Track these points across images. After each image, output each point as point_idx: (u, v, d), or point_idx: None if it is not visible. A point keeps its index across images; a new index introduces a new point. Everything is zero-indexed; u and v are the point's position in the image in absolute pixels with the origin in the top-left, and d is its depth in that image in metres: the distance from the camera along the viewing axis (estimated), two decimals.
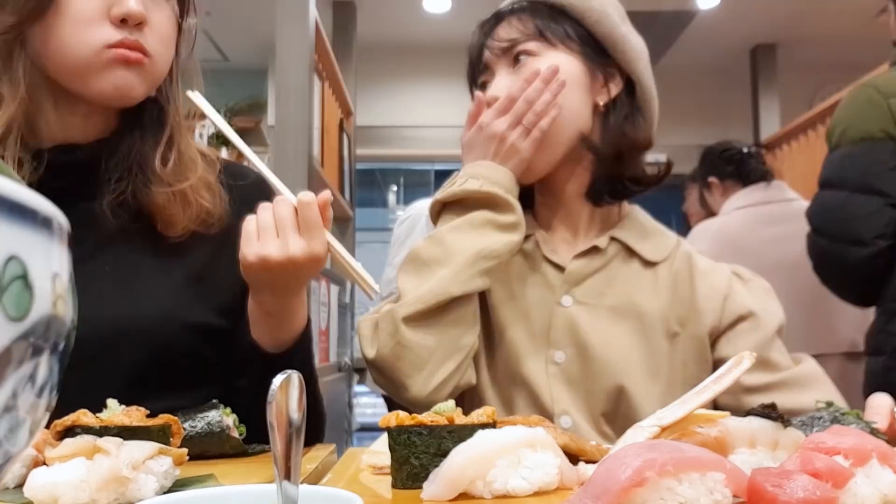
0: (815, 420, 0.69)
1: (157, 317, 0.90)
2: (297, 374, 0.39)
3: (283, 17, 2.37)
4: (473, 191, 0.97)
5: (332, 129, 3.18)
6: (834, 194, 1.72)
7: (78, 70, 0.87)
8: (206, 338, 0.93)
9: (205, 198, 0.95)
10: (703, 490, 0.49)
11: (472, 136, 1.02)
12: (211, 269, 0.95)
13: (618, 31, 1.05)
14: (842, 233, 1.68)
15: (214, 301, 0.94)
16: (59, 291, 0.27)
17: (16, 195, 0.24)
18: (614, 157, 1.04)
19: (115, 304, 0.89)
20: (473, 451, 0.57)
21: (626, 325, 1.00)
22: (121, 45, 0.86)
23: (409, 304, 0.93)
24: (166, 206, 0.92)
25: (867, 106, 1.71)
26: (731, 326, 1.01)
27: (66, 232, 0.28)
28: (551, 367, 1.00)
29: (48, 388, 0.27)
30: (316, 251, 0.81)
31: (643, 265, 1.04)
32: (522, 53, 1.03)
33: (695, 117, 5.37)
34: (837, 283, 1.79)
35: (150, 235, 0.94)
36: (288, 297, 0.86)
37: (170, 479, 0.60)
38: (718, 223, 2.46)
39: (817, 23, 4.78)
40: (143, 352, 0.89)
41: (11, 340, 0.23)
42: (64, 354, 0.28)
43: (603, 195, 1.06)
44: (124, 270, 0.92)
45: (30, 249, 0.24)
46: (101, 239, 0.91)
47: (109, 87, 0.88)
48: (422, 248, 0.98)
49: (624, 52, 1.05)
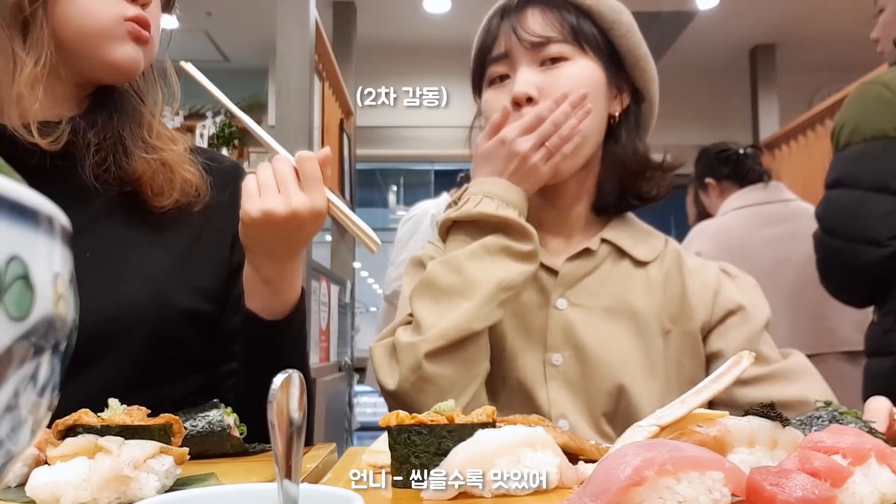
0: (814, 419, 0.69)
1: (149, 303, 0.90)
2: (297, 373, 0.39)
3: (283, 17, 2.37)
4: (490, 214, 0.94)
5: (333, 129, 3.18)
6: (847, 193, 1.67)
7: (96, 38, 0.89)
8: (193, 324, 0.93)
9: (188, 170, 0.96)
10: (701, 489, 0.49)
11: (493, 149, 0.97)
12: (194, 252, 0.96)
13: (641, 48, 1.05)
14: (856, 233, 1.63)
15: (200, 285, 0.94)
16: (60, 291, 0.27)
17: (17, 195, 0.24)
18: (633, 173, 1.04)
19: (102, 290, 0.89)
20: (473, 450, 0.57)
21: (621, 324, 1.00)
22: (136, 19, 0.89)
23: (432, 341, 0.90)
24: (152, 175, 0.93)
25: (878, 103, 1.67)
26: (722, 321, 1.01)
27: (68, 231, 0.28)
28: (549, 370, 1.00)
29: (50, 388, 0.27)
30: (318, 205, 0.81)
31: (634, 265, 1.04)
32: (555, 55, 1.00)
33: (694, 118, 5.37)
34: (845, 283, 1.75)
35: (134, 211, 0.94)
36: (286, 260, 0.85)
37: (171, 478, 0.60)
38: (717, 223, 2.46)
39: (816, 24, 4.78)
40: (134, 339, 0.88)
41: (13, 340, 0.24)
42: (65, 354, 0.28)
43: (610, 207, 1.06)
44: (111, 253, 0.92)
45: (31, 249, 0.24)
46: (85, 218, 0.91)
47: (124, 58, 0.90)
48: (439, 275, 0.93)
49: (644, 70, 1.06)
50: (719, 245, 2.38)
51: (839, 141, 1.73)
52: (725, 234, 2.41)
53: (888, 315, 1.65)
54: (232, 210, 0.98)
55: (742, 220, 2.40)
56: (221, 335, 0.97)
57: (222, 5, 4.52)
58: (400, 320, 0.98)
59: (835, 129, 1.76)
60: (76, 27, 0.88)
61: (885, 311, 1.66)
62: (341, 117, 3.42)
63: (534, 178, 0.97)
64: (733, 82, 5.38)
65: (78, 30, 0.88)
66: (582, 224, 1.07)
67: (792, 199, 2.45)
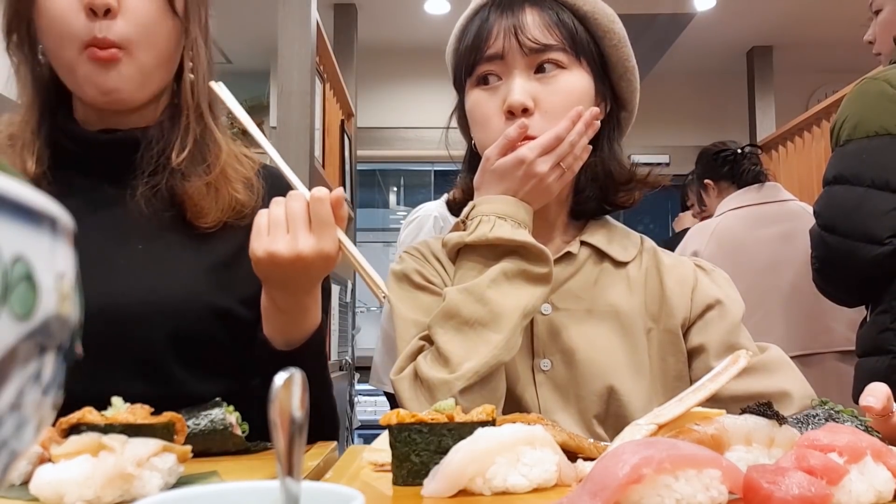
0: (810, 418, 0.69)
1: (182, 296, 0.91)
2: (300, 371, 0.40)
3: (284, 19, 2.38)
4: (507, 239, 0.92)
5: (334, 131, 3.18)
6: (848, 190, 1.64)
7: (66, 72, 0.88)
8: (227, 324, 0.93)
9: (238, 190, 0.96)
10: (699, 487, 0.49)
11: (510, 168, 0.93)
12: (237, 259, 0.95)
13: (630, 60, 1.04)
14: (855, 230, 1.61)
15: (238, 290, 0.94)
16: (64, 291, 0.27)
17: (21, 196, 0.24)
18: (616, 183, 1.04)
19: (145, 281, 0.90)
20: (473, 448, 0.58)
21: (606, 326, 1.00)
22: (92, 43, 0.85)
23: (466, 378, 0.88)
24: (197, 197, 0.93)
25: (880, 100, 1.64)
26: (700, 316, 1.01)
27: (72, 232, 0.28)
28: (539, 376, 0.99)
29: (54, 387, 0.28)
30: (326, 249, 0.79)
31: (614, 266, 1.04)
32: (552, 63, 0.98)
33: (692, 119, 5.37)
34: (841, 281, 1.73)
35: (181, 223, 0.95)
36: (300, 295, 0.85)
37: (174, 476, 0.60)
38: (715, 224, 2.46)
39: (813, 26, 4.77)
40: (166, 328, 0.89)
41: (18, 339, 0.24)
42: (69, 353, 0.29)
43: (588, 213, 1.06)
44: (156, 250, 0.93)
45: (36, 250, 0.25)
46: (134, 221, 0.93)
47: (94, 90, 0.87)
48: (462, 305, 0.91)
49: (630, 81, 1.05)
50: (716, 245, 2.38)
51: (840, 137, 1.70)
52: (723, 234, 2.40)
53: (883, 314, 1.63)
54: None
55: (739, 221, 2.40)
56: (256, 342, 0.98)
57: (224, 7, 4.51)
58: (414, 347, 0.95)
59: (834, 124, 1.73)
60: (55, 65, 0.88)
61: (880, 310, 1.65)
62: (342, 118, 3.42)
63: (546, 195, 0.96)
64: (730, 84, 5.38)
65: (56, 67, 0.88)
66: (561, 226, 1.07)
67: (789, 199, 2.45)
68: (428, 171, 5.93)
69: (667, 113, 5.10)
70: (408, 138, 5.25)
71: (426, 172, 5.96)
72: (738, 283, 1.11)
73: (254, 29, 4.66)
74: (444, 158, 1.19)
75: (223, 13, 0.99)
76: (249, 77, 5.24)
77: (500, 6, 1.00)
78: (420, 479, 0.60)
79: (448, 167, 1.18)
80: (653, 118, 1.22)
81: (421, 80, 5.28)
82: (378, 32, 4.84)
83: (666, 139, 5.15)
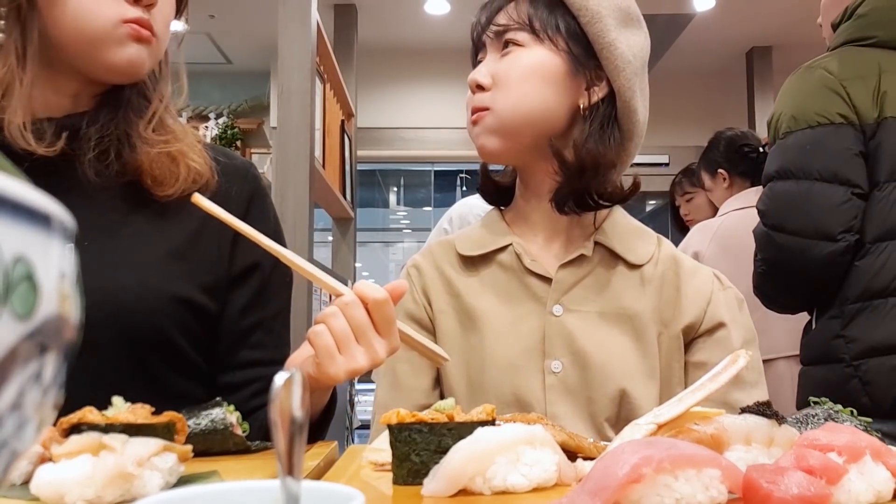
0: (810, 417, 0.69)
1: (135, 289, 0.90)
2: (300, 372, 0.40)
3: (284, 19, 2.38)
4: None
5: (334, 131, 3.18)
6: (794, 185, 1.54)
7: (94, 41, 0.89)
8: (186, 313, 0.93)
9: (194, 160, 0.96)
10: (699, 486, 0.50)
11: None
12: (194, 243, 0.95)
13: (606, 36, 1.01)
14: (807, 227, 1.51)
15: (198, 276, 0.94)
16: (65, 291, 0.27)
17: (23, 196, 0.24)
18: (577, 168, 1.00)
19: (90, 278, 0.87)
20: (473, 448, 0.58)
21: (618, 328, 0.99)
22: (136, 21, 0.90)
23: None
24: (153, 164, 0.93)
25: (820, 88, 1.54)
26: (710, 332, 1.01)
27: (73, 232, 0.28)
28: (549, 378, 0.98)
29: (54, 387, 0.28)
30: (395, 346, 0.78)
31: (628, 268, 1.03)
32: (511, 42, 1.02)
33: (692, 119, 5.38)
34: (790, 284, 1.61)
35: (138, 202, 0.94)
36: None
37: (174, 476, 0.60)
38: (717, 223, 2.46)
39: (812, 26, 4.75)
40: (120, 329, 0.88)
41: (19, 339, 0.24)
42: (70, 353, 0.29)
43: (566, 204, 1.02)
44: (101, 238, 0.91)
45: (36, 250, 0.25)
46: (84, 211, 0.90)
47: (123, 60, 0.90)
48: None
49: (608, 58, 1.01)
50: (719, 245, 2.38)
51: (778, 130, 1.60)
52: (725, 234, 2.40)
53: (833, 319, 1.54)
54: (239, 208, 0.98)
55: (742, 221, 2.39)
56: (221, 339, 0.97)
57: (225, 8, 4.52)
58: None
59: (771, 118, 1.64)
60: (73, 30, 0.88)
61: (830, 315, 1.55)
62: (342, 118, 3.42)
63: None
64: (730, 84, 5.38)
65: (75, 33, 0.88)
66: (565, 221, 1.05)
67: None
68: (428, 171, 5.93)
69: (666, 113, 5.10)
70: (408, 138, 5.25)
71: (426, 172, 5.96)
72: (739, 283, 1.10)
73: (254, 29, 4.67)
74: (445, 158, 1.20)
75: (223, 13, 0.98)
76: (250, 77, 5.25)
77: (488, 6, 1.08)
78: (420, 479, 0.61)
79: (448, 167, 1.18)
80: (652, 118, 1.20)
81: (421, 81, 5.29)
82: (378, 32, 4.84)
83: (666, 139, 5.16)
